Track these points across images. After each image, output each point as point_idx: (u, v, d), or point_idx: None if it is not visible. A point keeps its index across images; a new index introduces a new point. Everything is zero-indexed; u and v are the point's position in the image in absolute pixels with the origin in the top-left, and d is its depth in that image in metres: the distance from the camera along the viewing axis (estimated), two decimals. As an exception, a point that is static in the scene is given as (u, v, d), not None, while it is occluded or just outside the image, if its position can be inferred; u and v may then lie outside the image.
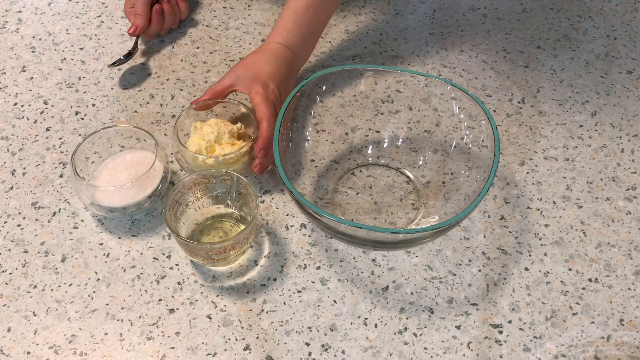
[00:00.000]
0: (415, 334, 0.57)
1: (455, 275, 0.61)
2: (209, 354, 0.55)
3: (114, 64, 0.78)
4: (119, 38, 0.85)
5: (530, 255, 0.63)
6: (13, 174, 0.69)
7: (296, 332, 0.57)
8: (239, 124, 0.67)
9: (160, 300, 0.59)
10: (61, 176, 0.69)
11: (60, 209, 0.66)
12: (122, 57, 0.78)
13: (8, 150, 0.71)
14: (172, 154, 0.70)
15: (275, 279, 0.60)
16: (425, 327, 0.57)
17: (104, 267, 0.61)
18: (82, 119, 0.75)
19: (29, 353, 0.55)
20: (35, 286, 0.60)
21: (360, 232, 0.53)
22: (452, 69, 0.81)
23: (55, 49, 0.83)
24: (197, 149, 0.63)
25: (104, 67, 0.81)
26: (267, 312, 0.58)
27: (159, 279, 0.60)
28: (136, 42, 0.81)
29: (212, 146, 0.64)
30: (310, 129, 0.68)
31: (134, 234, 0.64)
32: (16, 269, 0.61)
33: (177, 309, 0.58)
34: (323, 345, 0.56)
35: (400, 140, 0.70)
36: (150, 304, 0.59)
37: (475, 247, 0.63)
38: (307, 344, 0.56)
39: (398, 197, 0.67)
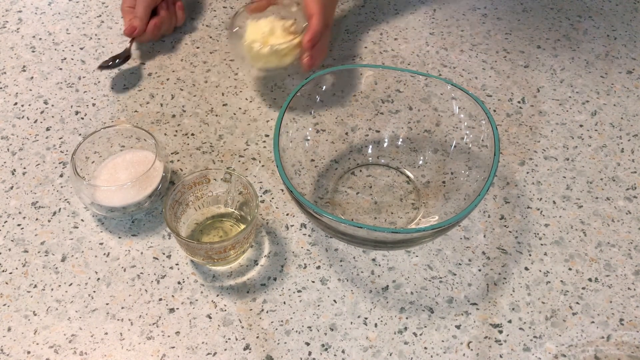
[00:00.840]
0: (415, 334, 0.57)
1: (455, 275, 0.61)
2: (209, 354, 0.56)
3: (103, 67, 0.77)
4: (119, 38, 0.85)
5: (530, 255, 0.63)
6: (13, 174, 0.69)
7: (296, 331, 0.57)
8: (290, 20, 0.72)
9: (160, 299, 0.59)
10: (61, 176, 0.69)
11: (60, 209, 0.66)
12: (115, 62, 0.78)
13: (8, 150, 0.71)
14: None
15: (275, 279, 0.61)
16: (425, 326, 0.57)
17: (104, 267, 0.61)
18: (82, 118, 0.75)
19: (29, 353, 0.55)
20: (35, 286, 0.60)
21: (360, 231, 0.53)
22: (452, 69, 0.81)
23: (55, 49, 0.83)
24: (252, 39, 0.69)
25: (104, 67, 0.81)
26: (267, 312, 0.58)
27: (159, 279, 0.60)
28: (130, 47, 0.80)
29: (267, 38, 0.69)
30: (310, 129, 0.68)
31: (134, 234, 0.64)
32: (16, 268, 0.61)
33: (177, 308, 0.58)
34: (323, 345, 0.56)
35: (400, 140, 0.70)
36: (150, 303, 0.59)
37: (475, 246, 0.63)
38: (307, 344, 0.56)
39: (398, 197, 0.67)
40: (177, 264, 0.62)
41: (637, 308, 0.59)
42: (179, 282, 0.60)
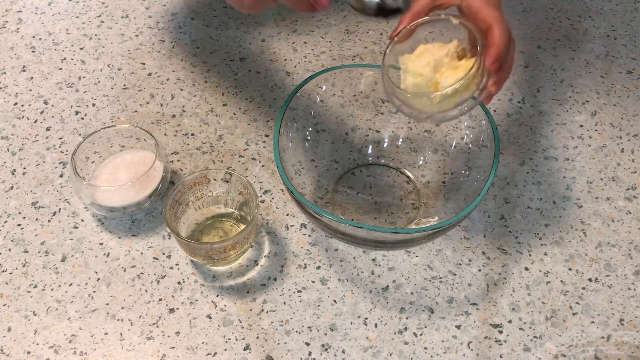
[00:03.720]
0: (415, 334, 0.57)
1: (455, 275, 0.61)
2: (209, 354, 0.56)
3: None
4: (119, 38, 0.85)
5: (530, 255, 0.63)
6: (13, 174, 0.69)
7: (296, 331, 0.57)
8: (454, 41, 0.53)
9: (160, 300, 0.59)
10: (61, 176, 0.69)
11: (60, 209, 0.66)
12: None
13: (8, 150, 0.71)
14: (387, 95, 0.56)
15: (275, 279, 0.61)
16: (425, 326, 0.57)
17: (104, 267, 0.61)
18: (82, 118, 0.75)
19: (29, 353, 0.55)
20: (35, 286, 0.60)
21: (360, 231, 0.53)
22: (452, 69, 0.81)
23: (55, 49, 0.83)
24: (415, 86, 0.52)
25: (104, 67, 0.81)
26: (267, 312, 0.58)
27: (159, 279, 0.60)
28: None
29: (433, 80, 0.52)
30: (310, 129, 0.68)
31: (134, 234, 0.64)
32: (16, 268, 0.61)
33: (177, 308, 0.58)
34: (323, 345, 0.56)
35: (400, 140, 0.70)
36: (151, 303, 0.59)
37: (475, 247, 0.63)
38: (307, 344, 0.56)
39: (398, 197, 0.67)
40: (177, 264, 0.62)
41: (637, 308, 0.59)
42: (179, 282, 0.60)
